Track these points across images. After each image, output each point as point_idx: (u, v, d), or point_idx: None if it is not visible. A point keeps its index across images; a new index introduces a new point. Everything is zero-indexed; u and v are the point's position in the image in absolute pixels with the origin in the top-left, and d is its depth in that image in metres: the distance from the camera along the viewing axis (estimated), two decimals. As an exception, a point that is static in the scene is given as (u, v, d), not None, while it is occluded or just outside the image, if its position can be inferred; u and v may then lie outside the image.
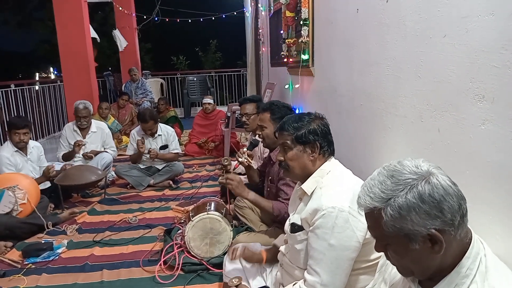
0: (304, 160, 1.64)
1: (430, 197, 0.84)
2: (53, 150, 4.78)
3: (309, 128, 1.64)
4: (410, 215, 0.85)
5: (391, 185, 0.88)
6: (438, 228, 0.84)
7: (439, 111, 1.44)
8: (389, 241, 0.92)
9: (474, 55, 1.23)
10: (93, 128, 4.46)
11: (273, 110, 2.50)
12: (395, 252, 0.93)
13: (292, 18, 3.81)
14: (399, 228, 0.87)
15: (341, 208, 1.44)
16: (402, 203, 0.85)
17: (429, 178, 0.86)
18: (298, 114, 1.74)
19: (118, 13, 9.08)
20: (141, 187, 4.19)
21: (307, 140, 1.62)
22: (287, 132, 1.66)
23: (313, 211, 1.50)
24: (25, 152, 3.64)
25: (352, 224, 1.44)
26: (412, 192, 0.85)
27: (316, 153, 1.63)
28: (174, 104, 9.86)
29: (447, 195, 0.85)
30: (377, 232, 0.93)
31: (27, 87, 6.87)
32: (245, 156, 2.76)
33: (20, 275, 2.50)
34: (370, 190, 0.91)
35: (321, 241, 1.45)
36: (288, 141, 1.65)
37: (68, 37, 5.97)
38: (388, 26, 1.82)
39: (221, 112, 5.80)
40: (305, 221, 1.55)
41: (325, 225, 1.44)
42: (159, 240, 2.92)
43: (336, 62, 2.66)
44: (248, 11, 8.13)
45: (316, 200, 1.53)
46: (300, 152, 1.64)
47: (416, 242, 0.87)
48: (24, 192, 3.11)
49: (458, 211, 0.85)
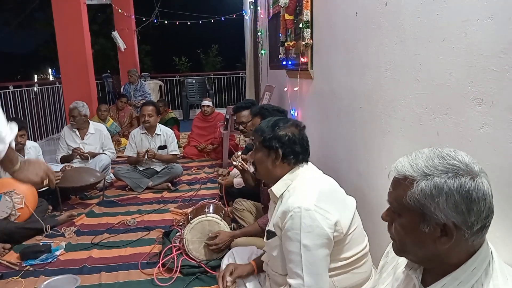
0: (267, 164, 1.67)
1: (468, 193, 0.83)
2: (52, 151, 4.78)
3: (276, 135, 1.65)
4: (439, 198, 0.84)
5: (437, 164, 0.87)
6: (456, 223, 0.84)
7: (438, 115, 1.45)
8: (401, 213, 0.92)
9: (473, 59, 1.23)
10: (91, 130, 4.45)
11: (264, 115, 2.53)
12: (402, 227, 0.92)
13: (291, 21, 3.81)
14: (421, 205, 0.86)
15: (307, 207, 1.46)
16: (439, 183, 0.85)
17: (476, 176, 0.85)
18: (276, 119, 1.75)
19: (117, 15, 9.08)
20: (140, 189, 4.18)
21: (270, 145, 1.65)
22: (257, 134, 1.71)
23: (282, 214, 1.53)
24: (22, 154, 3.62)
25: (320, 222, 1.45)
26: (454, 179, 0.84)
27: (278, 160, 1.64)
28: (173, 107, 9.86)
29: (483, 200, 0.84)
30: (396, 199, 0.93)
31: (26, 89, 6.86)
32: (239, 160, 2.77)
33: (18, 277, 2.49)
34: (414, 160, 0.90)
35: (294, 242, 1.47)
36: (257, 142, 1.70)
37: (67, 39, 5.97)
38: (387, 30, 1.83)
39: (220, 115, 5.80)
40: (277, 226, 1.57)
41: (294, 226, 1.46)
42: (158, 242, 2.91)
43: (335, 65, 2.67)
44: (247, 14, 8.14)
45: (284, 204, 1.56)
46: (265, 156, 1.67)
47: (427, 225, 0.86)
48: (21, 197, 3.10)
49: (483, 220, 0.85)
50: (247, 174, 2.87)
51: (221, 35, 14.85)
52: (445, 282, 0.89)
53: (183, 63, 14.20)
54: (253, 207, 2.90)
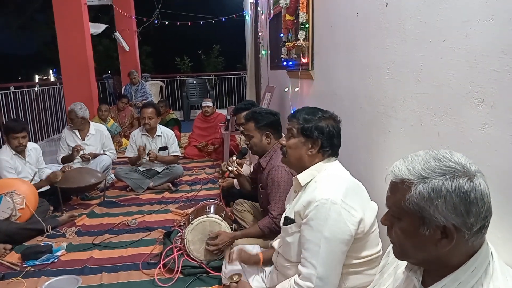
0: (301, 152, 1.66)
1: (466, 194, 0.83)
2: (53, 152, 4.78)
3: (317, 124, 1.64)
4: (438, 200, 0.84)
5: (434, 166, 0.87)
6: (456, 225, 0.84)
7: (438, 115, 1.45)
8: (401, 217, 0.92)
9: (474, 59, 1.23)
10: (91, 131, 4.45)
11: (257, 119, 2.53)
12: (402, 230, 0.92)
13: (292, 21, 3.81)
14: (420, 208, 0.86)
15: (334, 201, 1.46)
16: (436, 186, 0.85)
17: (473, 177, 0.85)
18: (314, 108, 1.75)
19: (118, 15, 9.10)
20: (141, 189, 4.19)
21: (310, 134, 1.64)
22: (296, 120, 1.68)
23: (306, 203, 1.52)
24: (23, 155, 3.63)
25: (345, 217, 1.46)
26: (451, 181, 0.84)
27: (314, 150, 1.64)
28: (174, 107, 9.86)
29: (481, 201, 0.84)
30: (395, 203, 0.93)
31: (27, 89, 6.88)
32: (234, 164, 2.78)
33: (19, 277, 2.50)
34: (410, 163, 0.90)
35: (315, 232, 1.47)
36: (294, 128, 1.67)
37: (68, 40, 5.98)
38: (388, 30, 1.83)
39: (221, 115, 5.80)
40: (298, 214, 1.57)
41: (319, 216, 1.46)
42: (159, 243, 2.92)
43: (335, 66, 2.67)
44: (248, 14, 8.15)
45: (310, 193, 1.55)
46: (301, 143, 1.65)
47: (427, 228, 0.86)
48: (22, 197, 3.11)
49: (482, 220, 0.85)
50: (243, 178, 2.88)
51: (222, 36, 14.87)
52: (445, 283, 0.89)
53: (185, 62, 14.20)
54: (253, 208, 2.91)
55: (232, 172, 2.79)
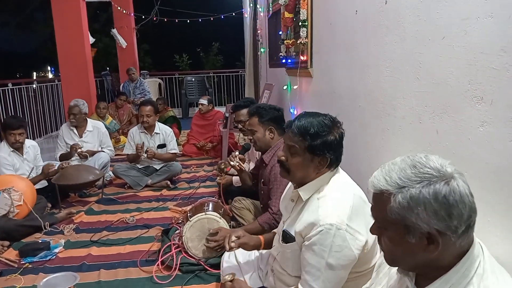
0: (309, 169, 1.54)
1: (444, 198, 0.84)
2: (50, 149, 4.78)
3: (326, 140, 1.50)
4: (418, 208, 0.84)
5: (410, 174, 0.87)
6: (439, 230, 0.84)
7: (437, 113, 1.45)
8: (387, 227, 0.92)
9: (473, 57, 1.23)
10: (89, 127, 4.44)
11: (261, 113, 2.52)
12: (390, 239, 0.93)
13: (291, 19, 3.81)
14: (402, 217, 0.87)
15: (339, 226, 1.39)
16: (414, 194, 0.85)
17: (450, 180, 0.85)
18: (315, 117, 1.55)
19: (117, 13, 9.07)
20: (139, 187, 4.18)
21: (319, 152, 1.51)
22: (300, 137, 1.52)
23: (308, 224, 1.45)
24: (21, 152, 3.62)
25: (350, 243, 1.41)
26: (428, 187, 0.85)
27: (323, 166, 1.53)
28: (172, 105, 9.85)
29: (461, 203, 0.84)
30: (379, 214, 0.94)
31: (25, 86, 6.86)
32: (236, 160, 2.77)
33: (17, 274, 2.49)
34: (388, 173, 0.91)
35: (318, 258, 1.41)
36: (297, 146, 1.53)
37: (66, 37, 5.97)
38: (387, 28, 1.83)
39: (219, 113, 5.80)
40: (299, 234, 1.50)
41: (323, 242, 1.40)
42: (157, 240, 2.91)
43: (335, 64, 2.67)
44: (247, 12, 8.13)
45: (312, 213, 1.47)
46: (308, 161, 1.53)
47: (413, 236, 0.87)
48: (20, 194, 3.10)
49: (466, 221, 0.85)
50: (245, 174, 2.87)
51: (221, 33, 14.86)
52: (437, 285, 0.90)
53: (184, 60, 14.19)
54: (252, 205, 2.90)
55: (234, 167, 2.78)
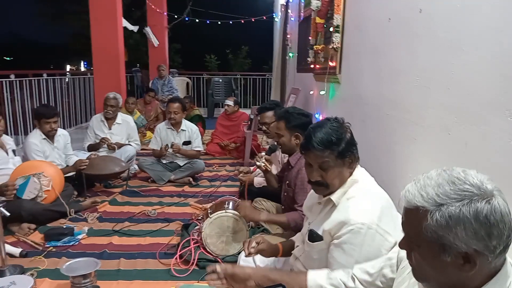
0: (344, 173, 1.54)
1: (486, 218, 0.79)
2: (80, 140, 4.90)
3: (347, 140, 1.52)
4: (456, 228, 0.80)
5: (448, 191, 0.83)
6: (477, 250, 0.81)
7: (467, 125, 1.43)
8: (420, 244, 0.88)
9: (507, 69, 1.21)
10: (118, 120, 4.57)
11: (288, 119, 2.47)
12: (422, 257, 0.89)
13: (321, 24, 3.81)
14: (439, 236, 0.82)
15: (370, 226, 1.40)
16: (454, 213, 0.81)
17: (491, 199, 0.81)
18: (326, 127, 1.55)
19: (151, 11, 9.27)
20: (162, 181, 4.26)
21: (348, 153, 1.52)
22: (328, 150, 1.50)
23: (338, 223, 1.45)
24: (52, 140, 3.73)
25: (379, 243, 1.41)
26: (469, 206, 0.80)
27: (354, 164, 1.55)
28: (198, 104, 9.96)
29: (502, 222, 0.80)
30: (412, 230, 0.89)
31: (59, 77, 7.08)
32: (263, 160, 2.78)
33: (41, 256, 2.59)
34: (423, 189, 0.86)
35: (347, 256, 1.41)
36: (328, 159, 1.51)
37: (101, 31, 6.12)
38: (420, 37, 1.82)
39: (244, 114, 5.84)
40: (328, 233, 1.49)
41: (353, 241, 1.40)
42: (176, 234, 2.96)
43: (363, 70, 2.66)
44: (278, 16, 8.17)
45: (342, 212, 1.47)
46: (341, 167, 1.52)
47: (449, 255, 0.83)
48: (49, 179, 3.20)
49: (505, 240, 0.82)
50: (270, 175, 2.87)
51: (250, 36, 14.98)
52: None
53: (212, 60, 14.40)
54: (273, 207, 2.91)
55: (260, 167, 2.79)
